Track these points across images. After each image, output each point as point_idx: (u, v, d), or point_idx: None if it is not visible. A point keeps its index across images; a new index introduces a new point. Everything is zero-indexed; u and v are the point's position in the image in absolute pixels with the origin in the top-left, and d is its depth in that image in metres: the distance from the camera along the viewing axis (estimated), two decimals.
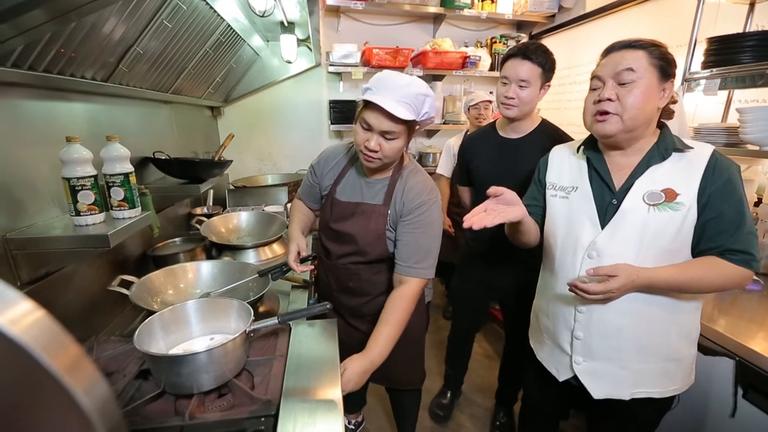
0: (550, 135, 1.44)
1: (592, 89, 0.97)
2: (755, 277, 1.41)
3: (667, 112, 0.98)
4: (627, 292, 0.91)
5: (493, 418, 1.88)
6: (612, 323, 0.98)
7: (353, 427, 1.74)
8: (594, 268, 0.89)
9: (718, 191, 0.88)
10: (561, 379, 1.10)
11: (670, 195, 0.90)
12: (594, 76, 0.96)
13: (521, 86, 1.36)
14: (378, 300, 1.23)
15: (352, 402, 1.68)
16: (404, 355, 1.35)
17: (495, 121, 1.60)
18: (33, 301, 0.26)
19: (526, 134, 1.47)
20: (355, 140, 1.08)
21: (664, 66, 0.89)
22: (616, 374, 1.01)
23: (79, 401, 0.24)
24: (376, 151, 1.04)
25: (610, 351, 1.00)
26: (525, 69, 1.34)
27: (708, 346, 1.16)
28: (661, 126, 0.99)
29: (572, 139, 1.43)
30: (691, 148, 0.93)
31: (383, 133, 1.02)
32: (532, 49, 1.35)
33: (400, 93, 0.97)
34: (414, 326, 1.33)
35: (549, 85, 1.41)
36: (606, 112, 0.91)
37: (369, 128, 1.03)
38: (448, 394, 1.96)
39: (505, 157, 1.49)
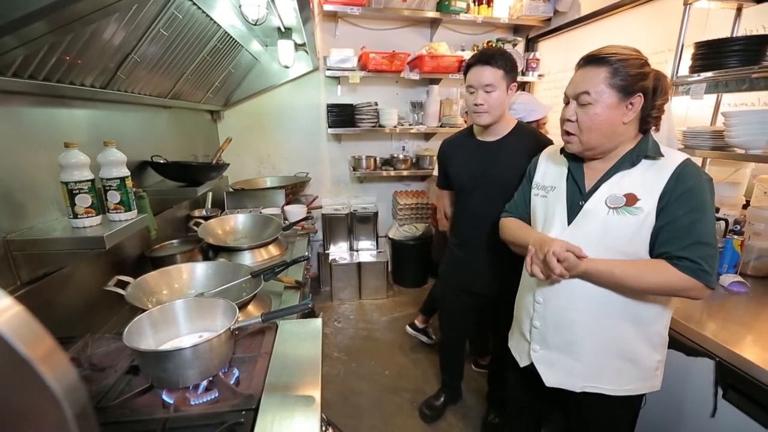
0: (527, 136, 1.49)
1: (564, 103, 1.00)
2: (740, 279, 1.42)
3: (647, 123, 0.97)
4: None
5: (484, 418, 1.91)
6: (564, 316, 1.02)
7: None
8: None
9: (676, 198, 0.89)
10: (522, 365, 1.16)
11: (630, 199, 0.93)
12: (565, 93, 0.99)
13: (488, 91, 1.40)
14: None
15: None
16: None
17: (471, 126, 1.61)
18: (13, 298, 0.30)
19: (503, 137, 1.50)
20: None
21: (625, 86, 0.89)
22: (569, 365, 1.05)
23: (49, 385, 0.28)
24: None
25: (563, 342, 1.05)
26: (488, 74, 1.38)
27: (689, 347, 1.18)
28: (644, 131, 0.99)
29: (550, 140, 1.49)
30: (663, 156, 0.94)
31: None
32: (490, 54, 1.40)
33: None
34: None
35: (515, 85, 1.46)
36: (569, 133, 0.96)
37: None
38: (442, 398, 1.97)
39: (485, 160, 1.51)
